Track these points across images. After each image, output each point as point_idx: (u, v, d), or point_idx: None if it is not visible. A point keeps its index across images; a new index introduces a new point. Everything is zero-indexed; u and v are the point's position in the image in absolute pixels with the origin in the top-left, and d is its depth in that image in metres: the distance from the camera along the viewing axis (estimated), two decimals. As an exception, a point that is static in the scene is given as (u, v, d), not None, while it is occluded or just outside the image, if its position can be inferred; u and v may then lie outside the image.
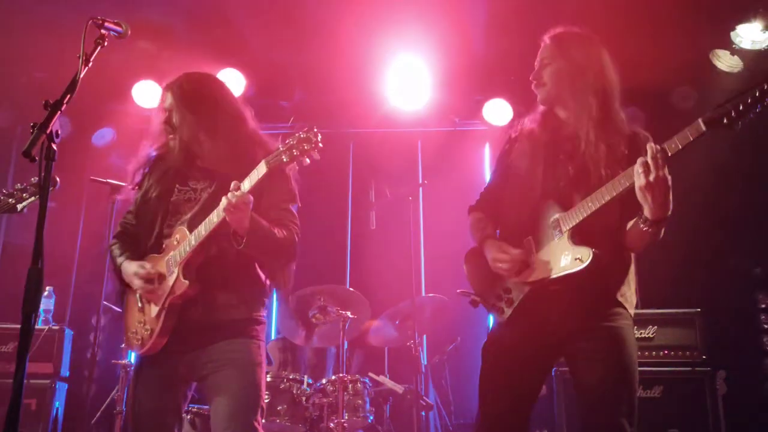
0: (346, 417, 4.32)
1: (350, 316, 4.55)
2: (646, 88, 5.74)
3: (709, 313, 4.66)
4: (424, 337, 5.77)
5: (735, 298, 5.32)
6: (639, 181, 2.27)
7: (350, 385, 4.45)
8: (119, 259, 2.78)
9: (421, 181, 5.37)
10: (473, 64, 5.54)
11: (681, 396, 4.40)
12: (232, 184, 2.46)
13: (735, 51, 5.06)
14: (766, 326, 4.89)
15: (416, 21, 5.26)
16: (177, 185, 2.78)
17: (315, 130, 2.45)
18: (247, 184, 2.48)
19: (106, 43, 2.17)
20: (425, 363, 5.59)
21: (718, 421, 4.33)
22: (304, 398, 4.41)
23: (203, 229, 2.56)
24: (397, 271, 5.18)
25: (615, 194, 2.38)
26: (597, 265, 2.39)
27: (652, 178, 2.24)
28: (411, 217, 4.93)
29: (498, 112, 5.89)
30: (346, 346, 4.64)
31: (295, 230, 2.72)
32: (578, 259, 2.41)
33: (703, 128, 2.19)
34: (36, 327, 5.38)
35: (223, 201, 2.46)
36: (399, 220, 5.02)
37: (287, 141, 2.45)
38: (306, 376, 4.56)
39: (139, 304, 2.72)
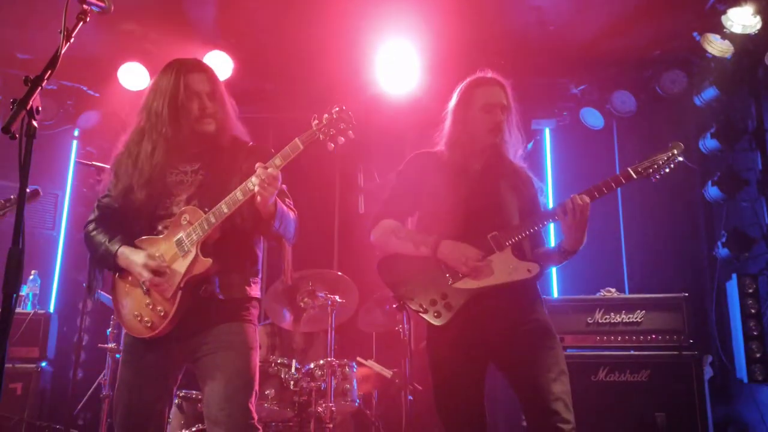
0: (334, 401, 4.31)
1: (338, 300, 4.54)
2: (637, 72, 5.76)
3: (696, 298, 4.69)
4: (412, 322, 5.75)
5: (721, 283, 5.35)
6: (566, 220, 2.73)
7: (338, 370, 4.45)
8: (112, 245, 2.69)
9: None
10: (463, 47, 5.50)
11: (668, 380, 4.43)
12: (257, 165, 2.48)
13: (726, 35, 5.04)
14: (753, 311, 4.92)
15: (405, 4, 5.21)
16: (168, 167, 2.72)
17: (345, 108, 2.52)
18: (279, 161, 2.50)
19: (88, 19, 2.12)
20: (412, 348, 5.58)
21: (704, 405, 4.36)
22: (292, 382, 4.40)
23: (225, 207, 2.54)
24: (386, 256, 5.14)
25: (548, 222, 2.85)
26: (539, 276, 2.83)
27: (578, 218, 2.71)
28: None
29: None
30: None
31: (294, 210, 2.78)
32: (529, 270, 2.81)
33: (634, 176, 2.80)
34: (22, 311, 5.37)
35: (254, 179, 2.47)
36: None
37: (319, 121, 2.49)
38: (294, 361, 4.54)
39: (144, 287, 2.65)
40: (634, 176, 2.80)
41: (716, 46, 5.13)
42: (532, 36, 5.51)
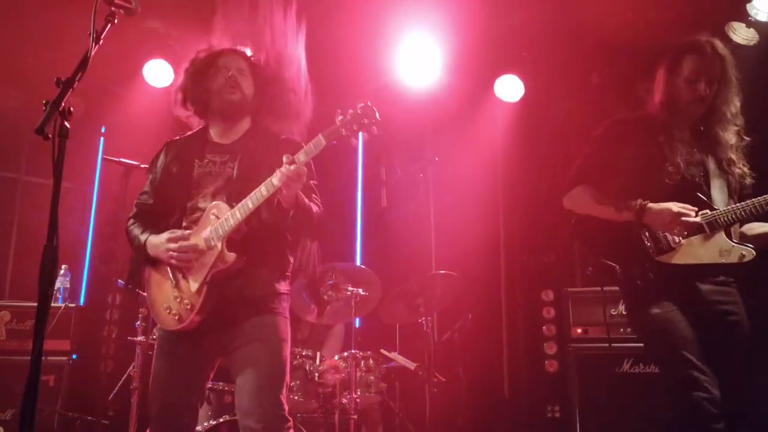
0: (359, 393, 4.36)
1: (362, 293, 4.58)
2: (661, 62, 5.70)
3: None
4: (434, 314, 5.77)
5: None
6: None
7: (362, 362, 4.49)
8: (142, 237, 2.76)
9: (432, 158, 5.33)
10: (484, 40, 5.48)
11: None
12: (285, 157, 2.49)
13: (751, 23, 4.97)
14: None
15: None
16: (196, 160, 2.79)
17: (369, 104, 2.50)
18: (302, 157, 2.52)
19: (116, 21, 2.17)
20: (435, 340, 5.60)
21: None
22: (316, 374, 4.46)
23: (250, 202, 2.56)
24: (408, 249, 5.18)
25: None
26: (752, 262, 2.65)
27: None
28: (422, 195, 4.92)
29: (509, 88, 5.85)
30: (357, 323, 4.67)
31: (320, 206, 2.79)
32: (743, 254, 2.63)
33: None
34: (53, 305, 5.48)
35: (278, 173, 2.49)
36: (410, 197, 5.02)
37: (343, 117, 2.50)
38: (318, 353, 4.59)
39: (173, 280, 2.70)
40: None
41: (741, 35, 5.06)
42: (552, 27, 5.48)
